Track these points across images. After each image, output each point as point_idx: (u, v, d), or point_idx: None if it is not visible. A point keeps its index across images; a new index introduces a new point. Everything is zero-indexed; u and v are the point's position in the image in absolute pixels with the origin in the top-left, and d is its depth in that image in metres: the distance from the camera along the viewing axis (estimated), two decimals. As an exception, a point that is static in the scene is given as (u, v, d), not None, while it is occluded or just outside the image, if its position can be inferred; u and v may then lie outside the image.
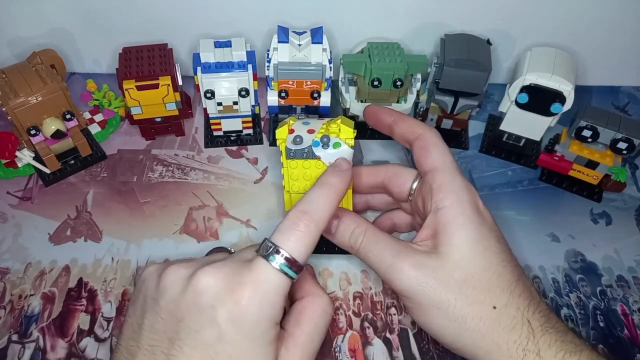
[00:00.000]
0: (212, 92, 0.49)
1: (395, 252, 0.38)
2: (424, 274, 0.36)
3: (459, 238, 0.37)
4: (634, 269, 0.49)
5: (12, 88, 0.47)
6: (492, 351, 0.34)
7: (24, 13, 0.56)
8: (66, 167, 0.53)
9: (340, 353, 0.43)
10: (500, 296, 0.35)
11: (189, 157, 0.56)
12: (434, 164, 0.40)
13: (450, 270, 0.36)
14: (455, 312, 0.35)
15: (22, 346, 0.42)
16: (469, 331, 0.35)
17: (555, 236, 0.51)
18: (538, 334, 0.34)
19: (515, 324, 0.35)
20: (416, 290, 0.36)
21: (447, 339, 0.37)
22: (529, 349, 0.34)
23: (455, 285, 0.36)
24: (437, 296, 0.36)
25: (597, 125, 0.49)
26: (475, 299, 0.35)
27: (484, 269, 0.36)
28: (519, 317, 0.35)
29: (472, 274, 0.36)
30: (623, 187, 0.54)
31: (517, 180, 0.56)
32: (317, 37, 0.49)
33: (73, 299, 0.45)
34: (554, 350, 0.33)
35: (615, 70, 0.64)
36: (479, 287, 0.36)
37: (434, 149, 0.41)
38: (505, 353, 0.34)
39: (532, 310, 0.35)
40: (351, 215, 0.41)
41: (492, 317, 0.35)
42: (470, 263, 0.36)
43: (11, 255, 0.47)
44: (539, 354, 0.33)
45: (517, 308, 0.35)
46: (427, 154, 0.41)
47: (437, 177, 0.39)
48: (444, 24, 0.57)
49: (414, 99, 0.55)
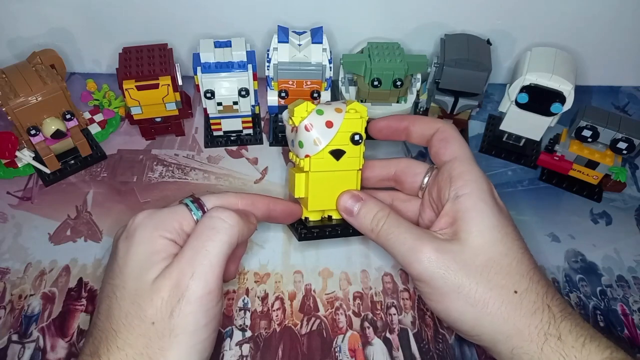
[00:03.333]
0: (212, 92, 0.49)
1: (416, 236, 0.38)
2: (445, 257, 0.37)
3: (480, 224, 0.37)
4: (634, 269, 0.49)
5: (12, 88, 0.47)
6: (513, 335, 0.35)
7: (24, 13, 0.56)
8: (66, 167, 0.53)
9: (340, 353, 0.43)
10: (520, 281, 0.36)
11: (189, 157, 0.56)
12: (453, 154, 0.41)
13: (472, 255, 0.36)
14: (476, 296, 0.35)
15: (22, 346, 0.42)
16: (490, 315, 0.35)
17: (555, 236, 0.51)
18: (558, 319, 0.34)
19: (535, 308, 0.35)
20: (436, 274, 0.36)
21: (467, 325, 0.36)
22: (550, 333, 0.34)
23: (476, 270, 0.36)
24: (458, 280, 0.36)
25: (597, 125, 0.49)
26: (496, 283, 0.36)
27: (505, 254, 0.37)
28: (540, 303, 0.35)
29: (494, 259, 0.36)
30: (623, 187, 0.54)
31: (517, 180, 0.56)
32: (317, 37, 0.49)
33: (73, 299, 0.45)
34: (575, 335, 0.34)
35: (615, 70, 0.64)
36: (500, 272, 0.36)
37: (453, 141, 0.42)
38: (526, 337, 0.34)
39: (550, 296, 0.36)
40: (374, 199, 0.42)
41: (514, 302, 0.35)
42: (492, 248, 0.37)
43: (11, 255, 0.47)
44: (560, 338, 0.34)
45: (537, 294, 0.35)
46: (447, 144, 0.42)
47: (457, 166, 0.40)
48: (444, 24, 0.57)
49: (414, 99, 0.55)
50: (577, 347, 0.33)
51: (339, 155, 0.42)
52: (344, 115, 0.42)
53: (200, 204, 0.38)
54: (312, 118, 0.41)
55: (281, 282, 0.47)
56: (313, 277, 0.47)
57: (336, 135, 0.41)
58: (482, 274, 0.36)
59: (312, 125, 0.41)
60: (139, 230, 0.35)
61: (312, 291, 0.46)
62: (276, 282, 0.47)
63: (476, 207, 0.38)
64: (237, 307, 0.45)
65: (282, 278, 0.47)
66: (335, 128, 0.41)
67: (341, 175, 0.43)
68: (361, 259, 0.49)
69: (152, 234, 0.35)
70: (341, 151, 0.42)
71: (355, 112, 0.42)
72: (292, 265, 0.48)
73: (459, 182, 0.39)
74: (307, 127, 0.41)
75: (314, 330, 0.44)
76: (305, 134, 0.41)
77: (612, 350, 0.33)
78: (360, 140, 0.42)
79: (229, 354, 0.43)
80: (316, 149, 0.41)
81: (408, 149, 0.58)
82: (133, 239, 0.35)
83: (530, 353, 0.34)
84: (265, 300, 0.46)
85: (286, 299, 0.46)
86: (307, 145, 0.41)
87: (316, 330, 0.44)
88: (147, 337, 0.32)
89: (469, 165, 0.40)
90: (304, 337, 0.44)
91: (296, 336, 0.44)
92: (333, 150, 0.42)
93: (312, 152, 0.41)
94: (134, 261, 0.34)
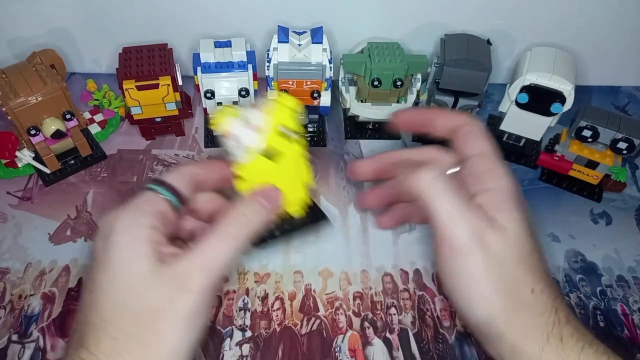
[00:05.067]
0: (212, 92, 0.49)
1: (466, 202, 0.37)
2: (491, 237, 0.35)
3: (518, 217, 0.37)
4: (634, 269, 0.49)
5: (12, 88, 0.47)
6: (520, 332, 0.35)
7: (24, 13, 0.56)
8: (66, 167, 0.53)
9: (340, 353, 0.43)
10: (538, 282, 0.36)
11: (189, 157, 0.56)
12: (481, 148, 0.40)
13: (511, 244, 0.36)
14: (505, 286, 0.35)
15: (22, 346, 0.42)
16: (507, 309, 0.35)
17: (555, 236, 0.51)
18: (562, 322, 0.35)
19: (544, 310, 0.35)
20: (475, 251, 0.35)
21: (485, 313, 0.35)
22: (553, 335, 0.34)
23: (511, 260, 0.36)
24: (494, 266, 0.35)
25: (597, 125, 0.49)
26: (521, 279, 0.35)
27: (531, 251, 0.36)
28: (549, 305, 0.35)
29: (523, 254, 0.36)
30: (623, 187, 0.54)
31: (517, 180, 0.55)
32: (317, 37, 0.49)
33: (73, 299, 0.45)
34: (575, 339, 0.34)
35: (615, 70, 0.64)
36: (526, 268, 0.36)
37: (480, 136, 0.41)
38: (531, 336, 0.34)
39: (559, 300, 0.36)
40: None
41: (529, 300, 0.35)
42: (525, 243, 0.36)
43: (11, 255, 0.47)
44: (562, 341, 0.34)
45: (548, 296, 0.35)
46: (475, 138, 0.41)
47: (486, 161, 0.39)
48: (444, 24, 0.57)
49: (414, 99, 0.55)
50: (576, 350, 0.33)
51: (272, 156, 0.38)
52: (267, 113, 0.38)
53: (161, 181, 0.37)
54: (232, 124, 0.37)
55: (281, 282, 0.47)
56: (313, 277, 0.47)
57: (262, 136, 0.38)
58: (513, 267, 0.36)
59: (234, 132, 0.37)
60: (115, 225, 0.35)
61: (312, 291, 0.46)
62: (276, 282, 0.47)
63: (510, 200, 0.37)
64: (237, 307, 0.45)
65: (282, 278, 0.47)
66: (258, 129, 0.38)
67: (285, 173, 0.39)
68: (361, 259, 0.49)
69: (130, 224, 0.35)
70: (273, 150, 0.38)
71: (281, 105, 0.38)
72: (292, 265, 0.48)
73: (490, 176, 0.39)
74: (229, 135, 0.38)
75: (314, 330, 0.44)
76: (229, 143, 0.38)
77: (610, 356, 0.34)
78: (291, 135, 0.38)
79: (229, 354, 0.42)
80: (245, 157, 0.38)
81: (408, 149, 0.57)
82: (111, 235, 0.34)
83: (531, 352, 0.34)
84: (265, 300, 0.46)
85: (286, 299, 0.46)
86: (235, 154, 0.38)
87: (316, 330, 0.44)
88: (143, 324, 0.32)
89: (498, 161, 0.40)
90: (304, 337, 0.44)
91: (296, 336, 0.44)
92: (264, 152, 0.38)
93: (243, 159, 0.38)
94: (119, 253, 0.34)
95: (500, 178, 0.39)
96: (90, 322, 0.33)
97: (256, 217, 0.37)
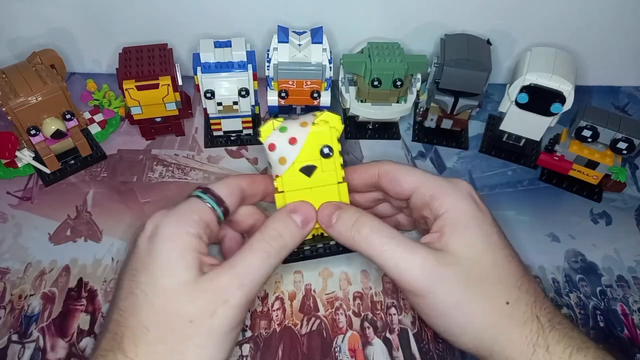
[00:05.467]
0: (212, 92, 0.49)
1: (407, 245, 0.36)
2: (443, 270, 0.35)
3: (469, 236, 0.37)
4: (634, 269, 0.49)
5: (12, 88, 0.47)
6: (507, 346, 0.34)
7: (24, 13, 0.56)
8: (66, 167, 0.53)
9: (340, 353, 0.43)
10: (510, 292, 0.35)
11: (189, 157, 0.56)
12: (412, 184, 0.40)
13: (468, 267, 0.35)
14: (476, 310, 0.35)
15: (22, 346, 0.42)
16: (489, 328, 0.35)
17: (555, 236, 0.51)
18: (547, 329, 0.34)
19: (525, 319, 0.35)
20: (435, 289, 0.35)
21: (467, 337, 0.36)
22: (538, 344, 0.34)
23: (474, 282, 0.35)
24: (459, 295, 0.35)
25: (597, 125, 0.49)
26: (491, 295, 0.35)
27: (494, 264, 0.36)
28: (529, 313, 0.35)
29: (486, 270, 0.36)
30: (623, 187, 0.54)
31: (517, 180, 0.56)
32: (317, 37, 0.49)
33: (73, 299, 0.45)
34: (562, 346, 0.34)
35: (615, 70, 0.64)
36: (493, 283, 0.36)
37: (402, 172, 0.40)
38: (517, 349, 0.34)
39: (539, 306, 0.35)
40: (354, 207, 0.40)
41: (507, 313, 0.35)
42: (483, 259, 0.36)
43: (11, 255, 0.47)
44: (548, 350, 0.33)
45: (525, 304, 0.35)
46: (399, 180, 0.40)
47: (425, 190, 0.39)
48: (444, 24, 0.57)
49: (414, 99, 0.55)
50: (564, 358, 0.33)
51: (310, 172, 0.39)
52: (310, 129, 0.39)
53: (211, 191, 0.38)
54: (274, 137, 0.39)
55: (281, 282, 0.47)
56: (313, 277, 0.47)
57: (302, 151, 0.39)
58: (478, 286, 0.35)
59: (275, 144, 0.39)
60: (161, 228, 0.35)
61: (312, 291, 0.46)
62: (276, 282, 0.47)
63: (460, 221, 0.37)
64: (237, 307, 0.45)
65: (282, 278, 0.47)
66: (300, 144, 0.39)
67: (320, 191, 0.40)
68: (361, 259, 0.48)
69: (177, 230, 0.35)
70: (312, 167, 0.39)
71: (325, 123, 0.40)
72: (292, 265, 0.48)
73: (436, 203, 0.38)
74: (271, 147, 0.39)
75: (314, 330, 0.44)
76: (270, 154, 0.39)
77: None
78: (330, 154, 0.39)
79: (229, 354, 0.43)
80: (283, 169, 0.39)
81: (408, 149, 0.58)
82: (157, 237, 0.35)
83: None
84: (265, 300, 0.46)
85: (286, 299, 0.46)
86: (274, 166, 0.40)
87: (316, 330, 0.44)
88: (182, 334, 0.33)
89: (434, 182, 0.39)
90: (304, 337, 0.44)
91: (296, 336, 0.44)
92: (303, 167, 0.39)
93: (280, 171, 0.39)
94: (163, 258, 0.34)
95: (447, 199, 0.38)
96: (129, 325, 0.33)
97: (287, 232, 0.37)
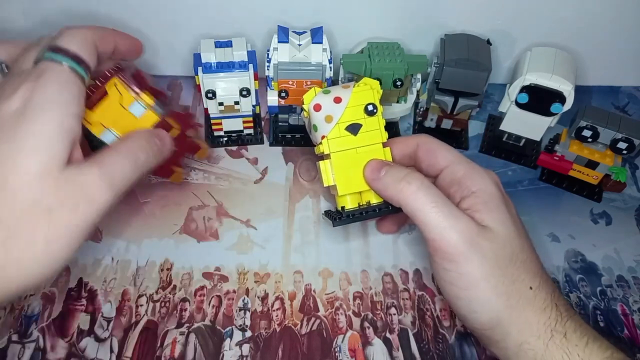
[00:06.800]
0: (213, 92, 0.49)
1: (452, 210, 0.36)
2: (482, 240, 0.35)
3: (502, 216, 0.37)
4: (634, 269, 0.49)
5: None
6: (524, 330, 0.35)
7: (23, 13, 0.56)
8: (66, 167, 0.53)
9: (340, 353, 0.43)
10: (534, 278, 0.36)
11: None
12: (449, 157, 0.41)
13: (502, 244, 0.36)
14: (502, 288, 0.35)
15: (22, 346, 0.42)
16: (510, 309, 0.35)
17: (555, 236, 0.51)
18: (565, 317, 0.35)
19: (545, 306, 0.35)
20: (472, 256, 0.35)
21: (485, 316, 0.36)
22: (557, 330, 0.34)
23: (504, 261, 0.36)
24: (490, 268, 0.35)
25: (597, 125, 0.49)
26: (518, 277, 0.36)
27: (522, 249, 0.37)
28: (549, 300, 0.35)
29: (516, 252, 0.36)
30: (623, 187, 0.54)
31: (517, 180, 0.56)
32: (317, 37, 0.49)
33: (73, 299, 0.45)
34: (579, 334, 0.34)
35: (615, 70, 0.64)
36: (520, 267, 0.36)
37: (440, 148, 0.41)
38: (535, 333, 0.34)
39: (557, 296, 0.36)
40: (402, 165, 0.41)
41: (529, 297, 0.35)
42: (514, 241, 0.36)
43: (11, 255, 0.47)
44: (566, 336, 0.34)
45: (546, 292, 0.36)
46: (435, 153, 0.41)
47: (458, 168, 0.40)
48: (444, 24, 0.57)
49: (414, 99, 0.55)
50: (581, 346, 0.34)
51: (356, 130, 0.41)
52: (352, 89, 0.42)
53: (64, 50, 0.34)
54: (319, 98, 0.41)
55: (281, 282, 0.47)
56: (313, 277, 0.47)
57: (347, 109, 0.41)
58: (508, 267, 0.36)
59: (321, 104, 0.41)
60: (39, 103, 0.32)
61: (312, 291, 0.46)
62: (276, 282, 0.47)
63: (493, 200, 0.37)
64: (237, 307, 0.45)
65: (282, 278, 0.47)
66: (345, 102, 0.41)
67: (365, 151, 0.42)
68: (361, 259, 0.49)
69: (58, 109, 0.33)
70: (357, 125, 0.41)
71: (365, 85, 0.42)
72: (292, 265, 0.48)
73: (468, 181, 0.39)
74: (316, 107, 0.41)
75: (314, 330, 0.44)
76: (315, 115, 0.41)
77: (613, 352, 0.34)
78: (375, 110, 0.41)
79: (229, 354, 0.43)
80: (329, 127, 0.41)
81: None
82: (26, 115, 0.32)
83: (536, 349, 0.34)
84: (265, 300, 0.46)
85: (286, 299, 0.46)
86: (320, 126, 0.41)
87: (316, 330, 0.44)
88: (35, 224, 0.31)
89: (470, 163, 0.40)
90: (304, 337, 0.44)
91: (296, 336, 0.44)
92: (348, 125, 0.41)
93: (326, 130, 0.41)
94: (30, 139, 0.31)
95: (479, 180, 0.38)
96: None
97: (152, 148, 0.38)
